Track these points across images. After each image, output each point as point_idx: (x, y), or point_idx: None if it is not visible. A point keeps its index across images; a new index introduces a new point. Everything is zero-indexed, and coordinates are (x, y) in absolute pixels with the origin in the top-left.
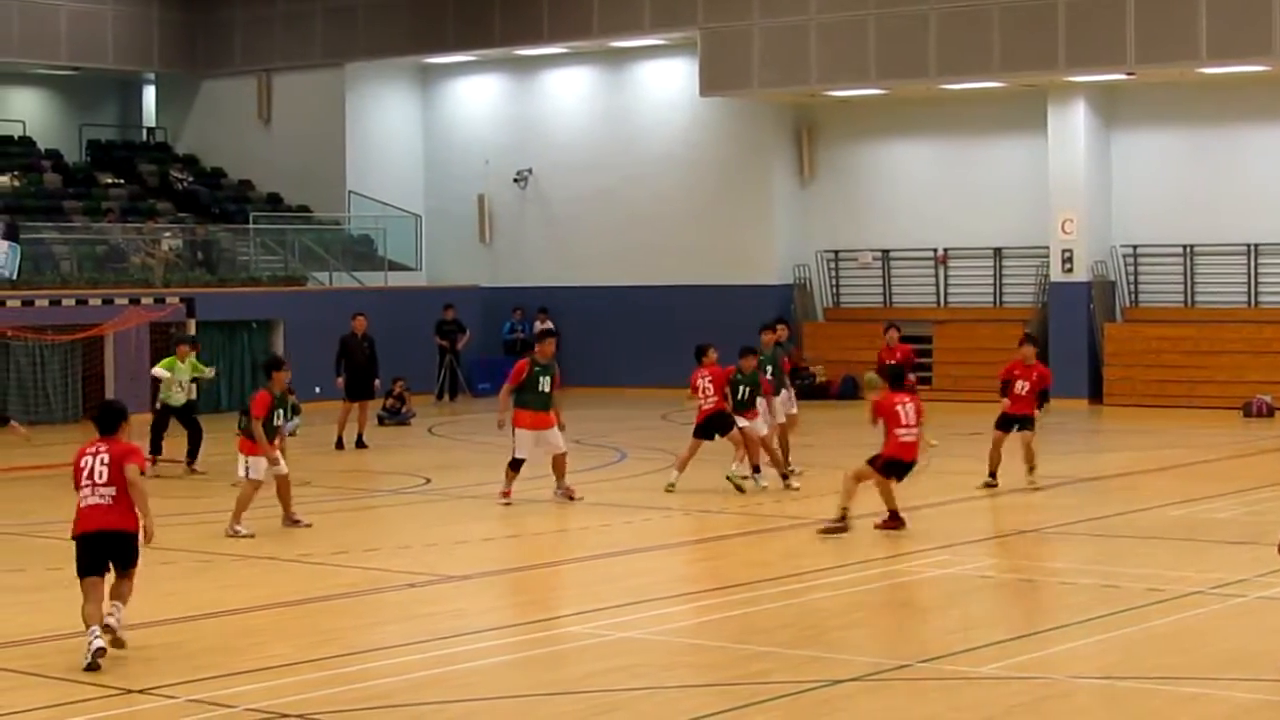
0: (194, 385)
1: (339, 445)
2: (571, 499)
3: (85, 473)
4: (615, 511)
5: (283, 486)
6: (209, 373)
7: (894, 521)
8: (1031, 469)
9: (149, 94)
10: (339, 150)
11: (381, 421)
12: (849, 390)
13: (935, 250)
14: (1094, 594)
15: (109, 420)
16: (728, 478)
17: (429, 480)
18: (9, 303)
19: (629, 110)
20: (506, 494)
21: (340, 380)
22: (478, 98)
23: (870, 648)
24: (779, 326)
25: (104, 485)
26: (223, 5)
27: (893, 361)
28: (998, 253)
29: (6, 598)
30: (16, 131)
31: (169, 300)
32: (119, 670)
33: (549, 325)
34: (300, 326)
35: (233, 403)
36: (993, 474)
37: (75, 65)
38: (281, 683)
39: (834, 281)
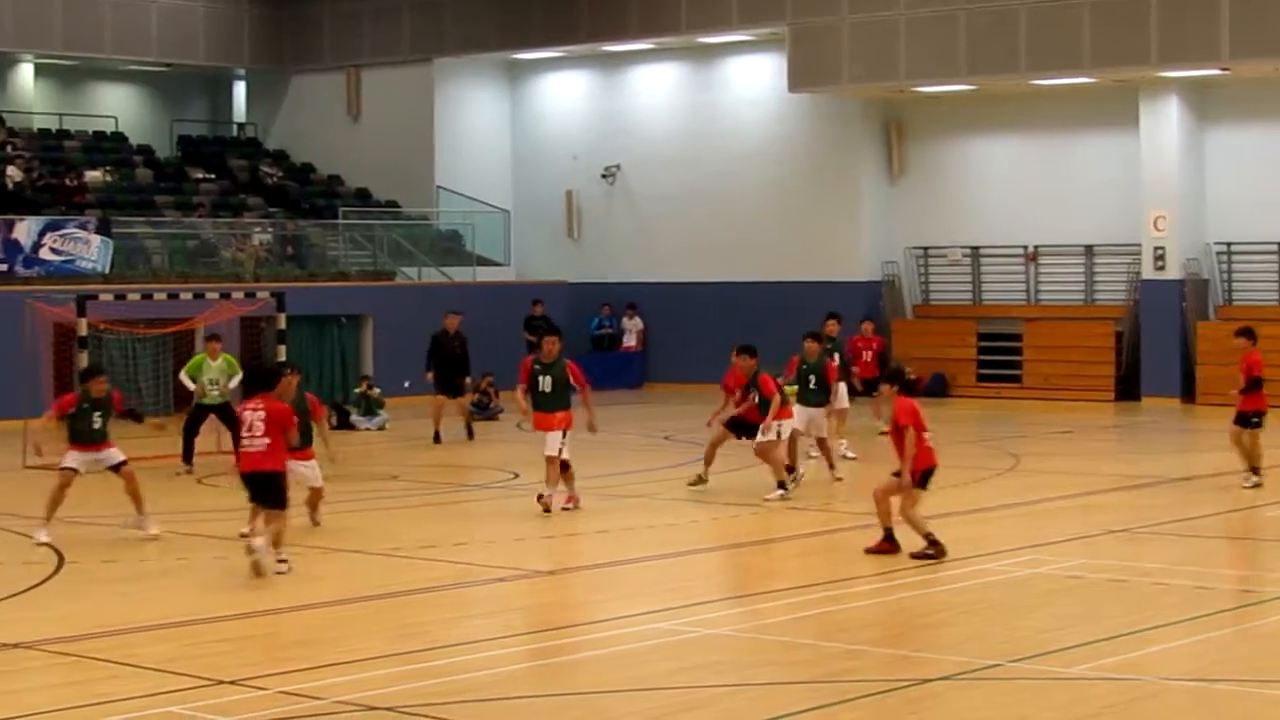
0: (233, 383)
1: (436, 439)
2: (564, 508)
3: (245, 426)
4: (702, 508)
5: (129, 483)
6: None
7: (889, 544)
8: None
9: (239, 90)
10: (428, 146)
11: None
12: (937, 387)
13: (1025, 247)
14: (1186, 595)
15: (263, 381)
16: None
17: (517, 475)
18: (101, 297)
19: (717, 106)
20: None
21: (430, 375)
22: (566, 93)
23: (959, 647)
24: (831, 321)
25: (259, 437)
26: (312, 1)
27: (868, 352)
28: (1089, 250)
29: (99, 588)
30: (109, 127)
31: (259, 295)
32: (209, 661)
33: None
34: (389, 322)
35: (322, 396)
36: (1254, 470)
37: (167, 62)
38: (369, 675)
39: (923, 278)
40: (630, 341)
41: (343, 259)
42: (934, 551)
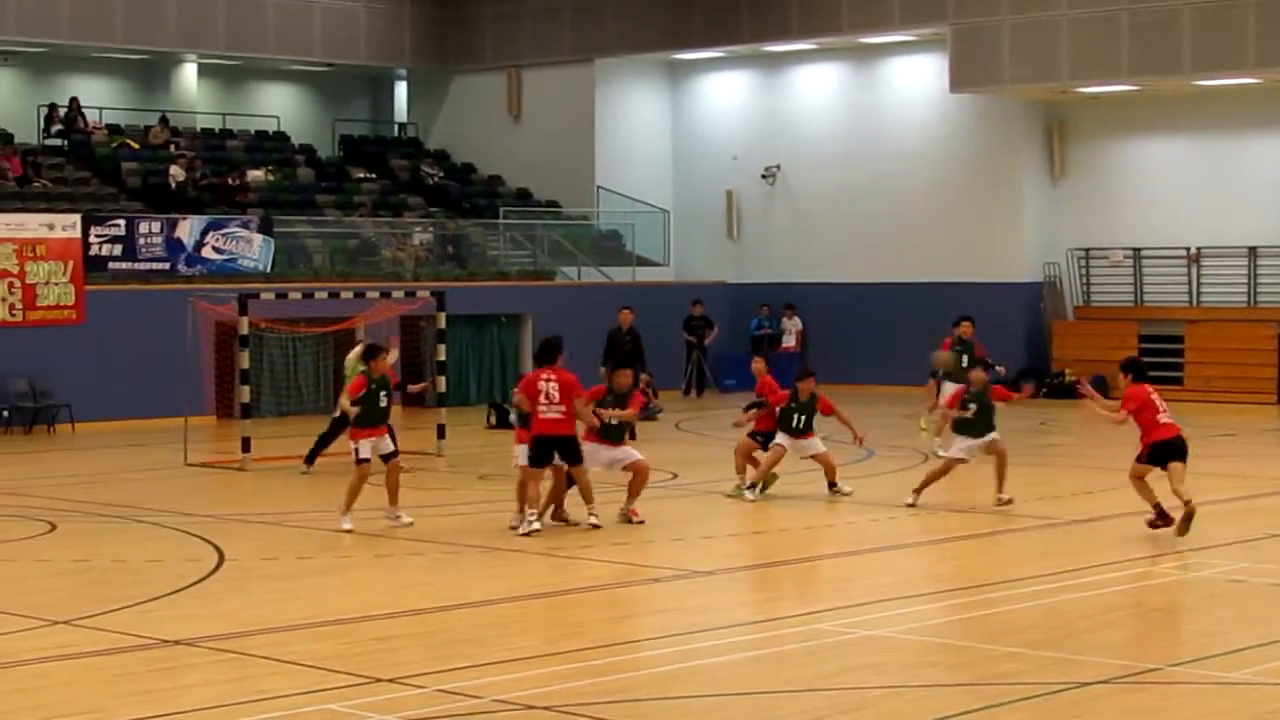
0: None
1: None
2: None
3: (541, 394)
4: (862, 509)
5: (392, 475)
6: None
7: (1162, 519)
8: None
9: (400, 90)
10: (588, 146)
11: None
12: (1097, 389)
13: (1188, 249)
14: None
15: (549, 353)
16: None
17: (675, 475)
18: (263, 295)
19: (878, 106)
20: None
21: (604, 371)
22: (726, 93)
23: (1120, 650)
24: (965, 324)
25: (555, 404)
26: (473, 2)
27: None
28: (1252, 251)
29: (259, 585)
30: (271, 127)
31: (419, 294)
32: (367, 659)
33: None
34: (548, 321)
35: (481, 395)
36: None
37: (329, 62)
38: (529, 674)
39: (1084, 279)
40: (789, 342)
41: (503, 259)
42: (1159, 521)
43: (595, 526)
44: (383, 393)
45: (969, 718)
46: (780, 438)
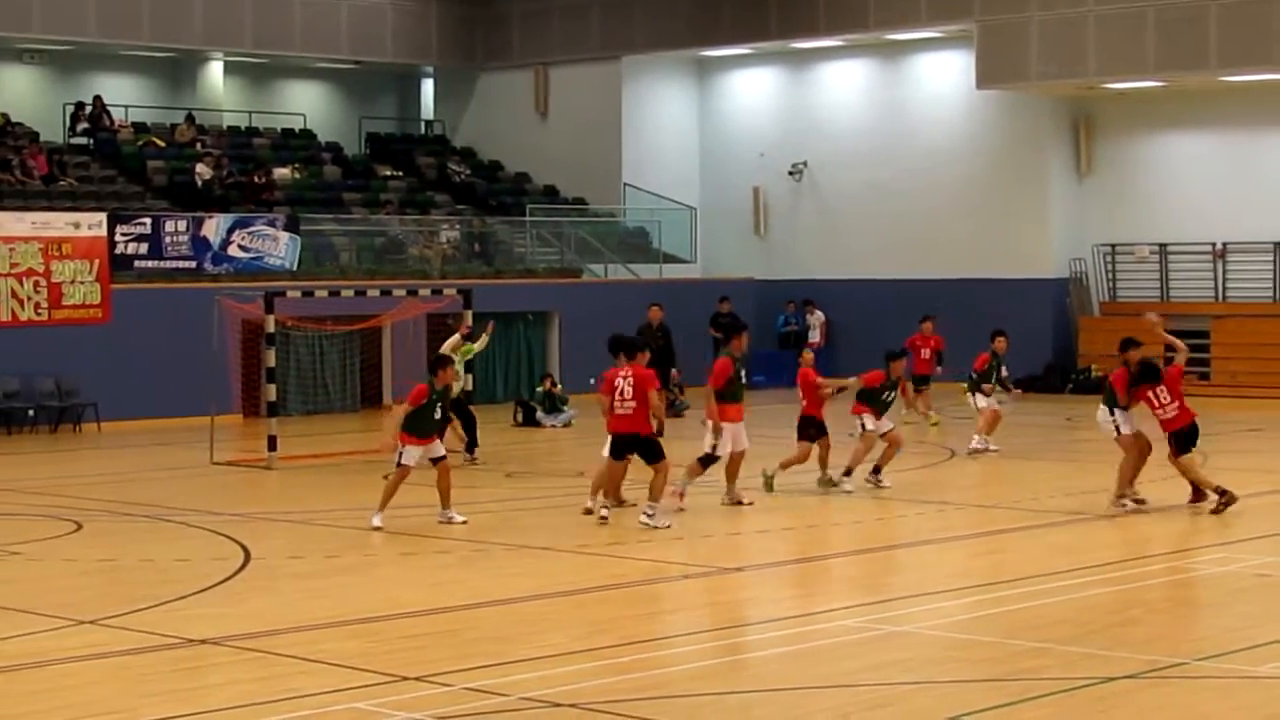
0: (467, 373)
1: None
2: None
3: (617, 391)
4: (890, 505)
5: (443, 477)
6: (479, 346)
7: (1198, 496)
8: None
9: (427, 87)
10: (615, 143)
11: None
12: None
13: (1214, 244)
14: None
15: (629, 349)
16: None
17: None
18: (289, 293)
19: (904, 103)
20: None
21: None
22: (753, 90)
23: (1146, 645)
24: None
25: (629, 400)
26: None
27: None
28: (1277, 247)
29: (286, 584)
30: (298, 124)
31: (446, 292)
32: (395, 658)
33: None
34: (575, 318)
35: (508, 393)
36: None
37: (355, 59)
38: (556, 672)
39: (1110, 275)
40: (814, 338)
41: (529, 256)
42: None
43: (648, 523)
44: (439, 404)
45: (995, 713)
46: (870, 421)
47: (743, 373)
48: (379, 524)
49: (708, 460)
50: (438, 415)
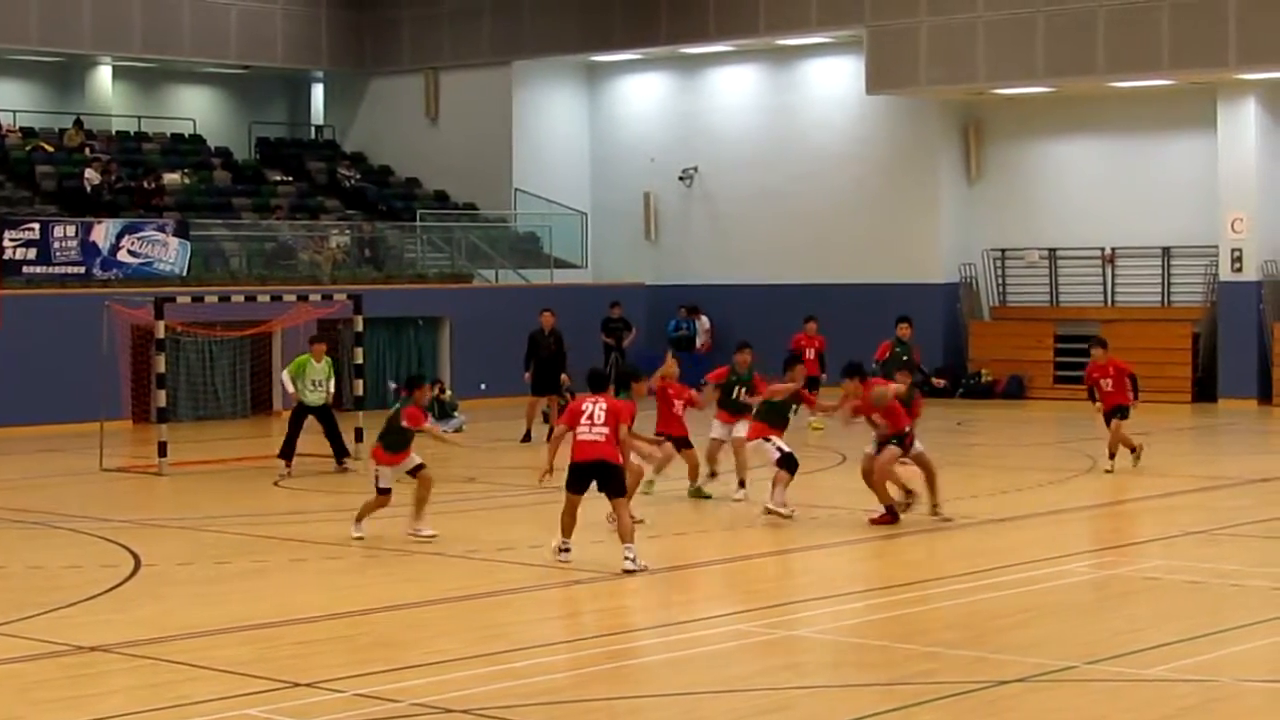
0: (333, 385)
1: (526, 438)
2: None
3: (584, 415)
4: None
5: (423, 486)
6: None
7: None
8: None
9: (317, 92)
10: (506, 148)
11: (546, 419)
12: (1014, 390)
13: (1103, 249)
14: (1264, 596)
15: (599, 382)
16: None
17: None
18: (179, 299)
19: (795, 108)
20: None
21: (528, 375)
22: (644, 96)
23: (1036, 648)
24: (903, 325)
25: (599, 425)
26: (390, 4)
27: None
28: (1166, 252)
29: (176, 590)
30: (188, 129)
31: (336, 297)
32: (287, 664)
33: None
34: (467, 323)
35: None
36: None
37: (245, 64)
38: (448, 677)
39: (1000, 280)
40: (701, 341)
41: (420, 261)
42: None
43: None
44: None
45: (888, 717)
46: (779, 441)
47: (739, 389)
48: (359, 535)
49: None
50: (409, 436)
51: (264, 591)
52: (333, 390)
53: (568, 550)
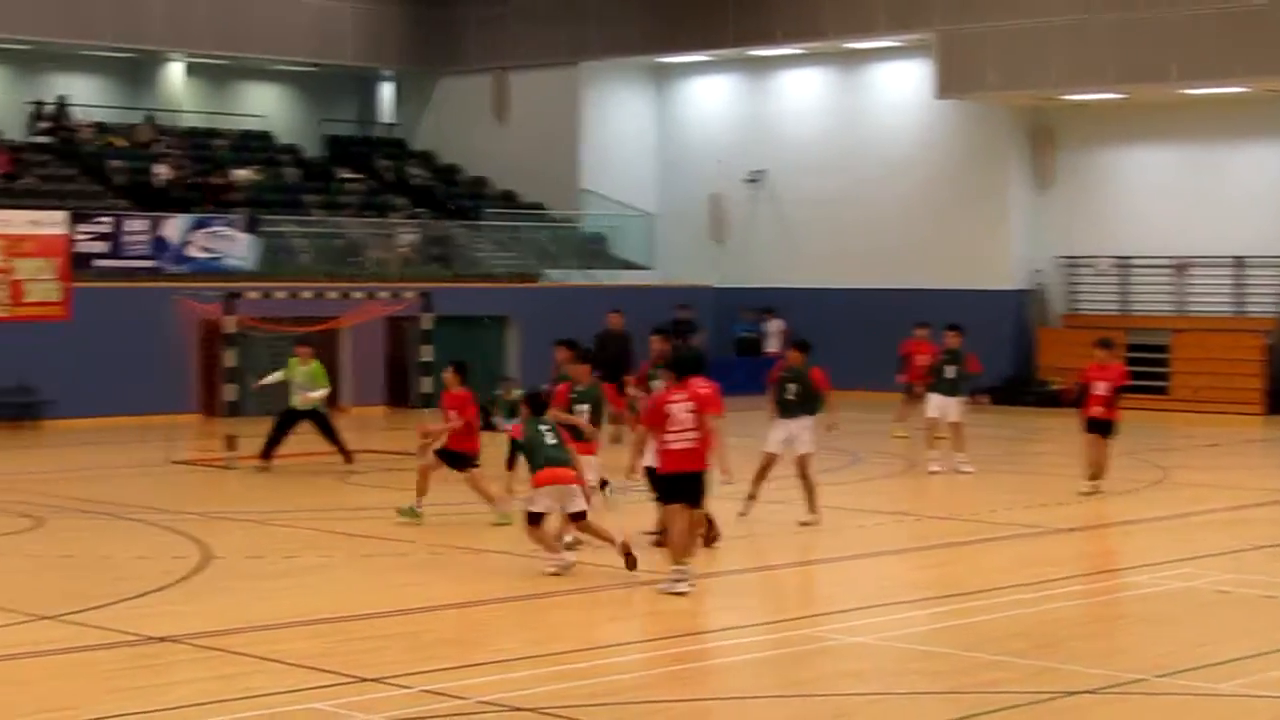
0: (319, 390)
1: None
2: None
3: (670, 420)
4: (847, 515)
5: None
6: (321, 394)
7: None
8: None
9: (387, 90)
10: (573, 148)
11: (611, 419)
12: (1083, 398)
13: (1174, 258)
14: None
15: (688, 367)
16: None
17: None
18: (248, 294)
19: (863, 112)
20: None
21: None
22: (711, 98)
23: (1106, 660)
24: (951, 333)
25: (689, 430)
26: (460, 3)
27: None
28: (1239, 261)
29: (244, 583)
30: (257, 126)
31: (404, 294)
32: (353, 658)
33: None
34: (532, 323)
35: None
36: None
37: (315, 62)
38: (514, 676)
39: (1070, 288)
40: (772, 346)
41: (488, 260)
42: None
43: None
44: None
45: None
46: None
47: (790, 386)
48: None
49: None
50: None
51: (331, 586)
52: (317, 394)
53: (684, 580)
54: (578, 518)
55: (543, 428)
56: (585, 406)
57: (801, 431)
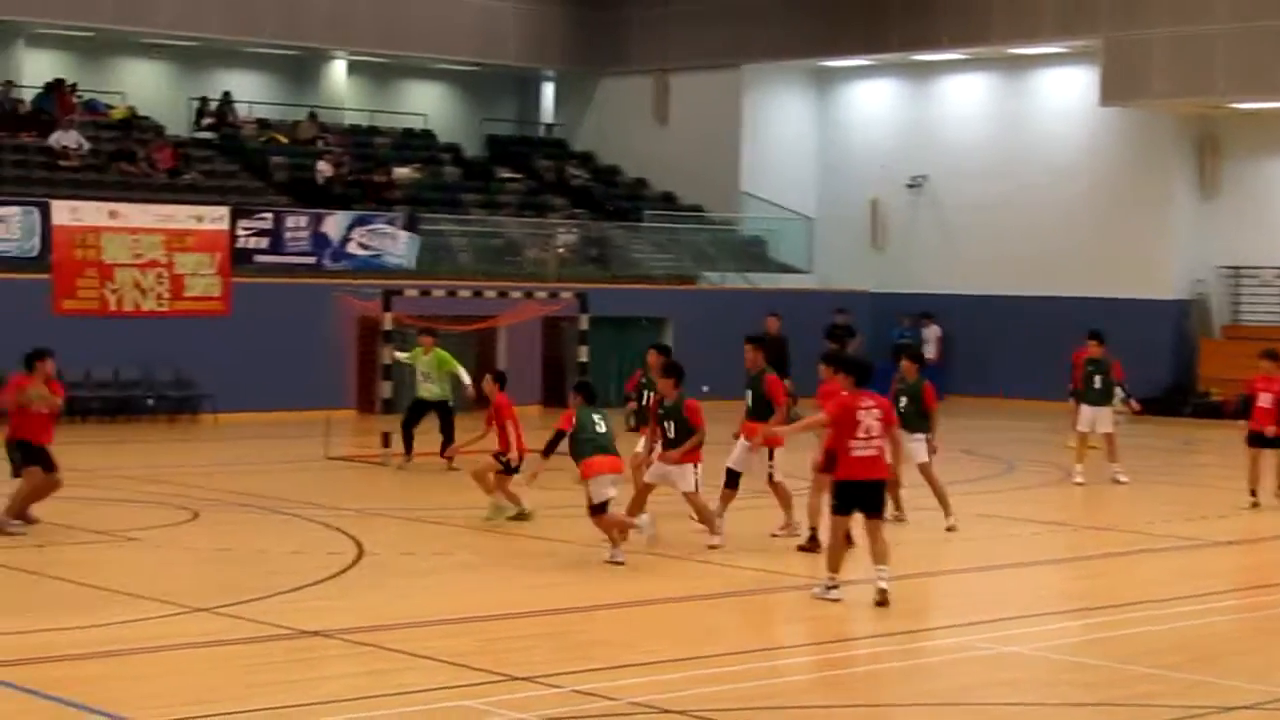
0: (449, 382)
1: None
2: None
3: (860, 427)
4: (1002, 524)
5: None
6: (463, 376)
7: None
8: None
9: (548, 90)
10: (734, 151)
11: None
12: (1244, 409)
13: None
14: None
15: (863, 373)
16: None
17: None
18: (407, 292)
19: (1026, 118)
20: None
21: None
22: (873, 102)
23: (1265, 675)
24: (1093, 342)
25: (875, 438)
26: (622, 4)
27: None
28: None
29: (397, 580)
30: (419, 124)
31: (562, 295)
32: (504, 657)
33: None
34: (689, 325)
35: (621, 398)
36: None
37: (477, 61)
38: (664, 678)
39: (1234, 298)
40: (929, 352)
41: (646, 262)
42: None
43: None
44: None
45: None
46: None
47: (903, 400)
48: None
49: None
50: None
51: (482, 584)
52: (439, 390)
53: (836, 587)
54: (599, 511)
55: (595, 416)
56: (671, 423)
57: (911, 444)
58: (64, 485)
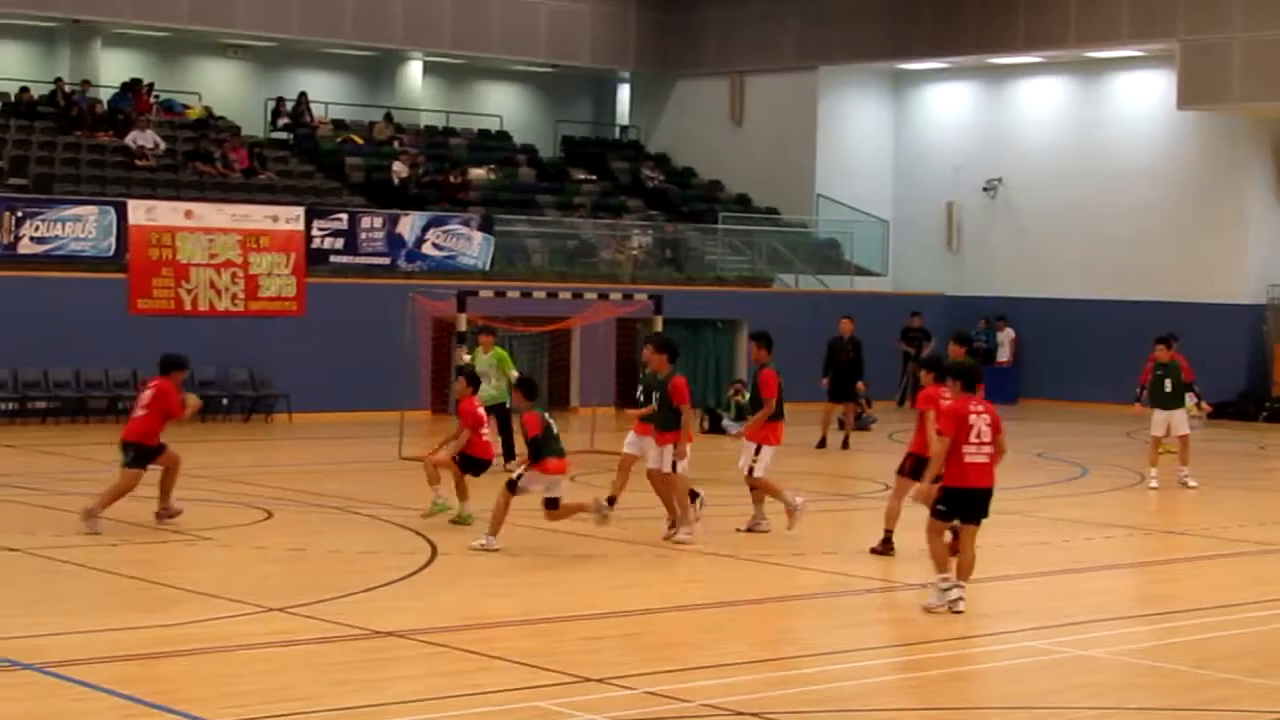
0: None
1: (821, 444)
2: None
3: (973, 432)
4: (1077, 528)
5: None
6: (512, 375)
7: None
8: None
9: (623, 92)
10: (809, 153)
11: (841, 425)
12: None
13: None
14: None
15: (974, 378)
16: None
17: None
18: (481, 293)
19: (1102, 122)
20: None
21: (825, 381)
22: (949, 105)
23: None
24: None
25: (986, 445)
26: (698, 6)
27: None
28: None
29: (470, 581)
30: (494, 125)
31: (636, 296)
32: (576, 659)
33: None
34: (764, 327)
35: (695, 400)
36: None
37: (553, 63)
38: (737, 680)
39: None
40: (1003, 356)
41: (720, 264)
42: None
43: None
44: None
45: None
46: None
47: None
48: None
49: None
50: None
51: (555, 586)
52: (496, 392)
53: (956, 586)
54: (553, 505)
55: (546, 415)
56: (655, 394)
57: None
58: (141, 484)
